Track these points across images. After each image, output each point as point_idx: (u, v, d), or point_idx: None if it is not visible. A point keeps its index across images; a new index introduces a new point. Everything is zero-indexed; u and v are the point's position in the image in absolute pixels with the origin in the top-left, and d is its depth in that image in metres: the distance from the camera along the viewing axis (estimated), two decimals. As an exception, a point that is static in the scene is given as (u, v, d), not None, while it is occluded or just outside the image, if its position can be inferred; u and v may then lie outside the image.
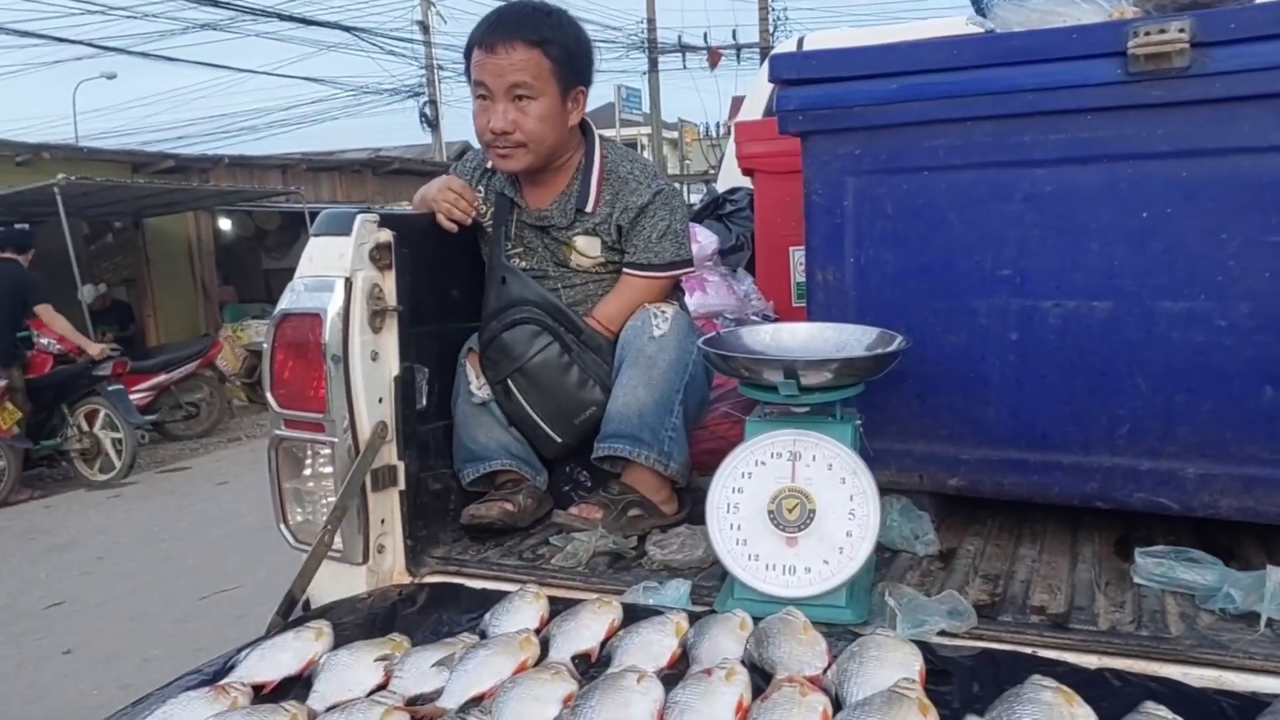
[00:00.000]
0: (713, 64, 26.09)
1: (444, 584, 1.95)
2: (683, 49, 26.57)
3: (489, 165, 2.36)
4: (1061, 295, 1.87)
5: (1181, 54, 1.69)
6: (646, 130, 31.13)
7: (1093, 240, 1.84)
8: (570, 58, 2.20)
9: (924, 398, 2.03)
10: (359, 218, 1.93)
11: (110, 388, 8.13)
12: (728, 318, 2.95)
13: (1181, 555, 1.77)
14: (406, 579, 2.02)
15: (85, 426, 8.14)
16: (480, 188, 2.38)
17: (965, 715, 1.29)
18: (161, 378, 9.36)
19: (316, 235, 1.98)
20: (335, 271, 1.92)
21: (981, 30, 2.16)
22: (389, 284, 1.99)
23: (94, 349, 8.22)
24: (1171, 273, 1.78)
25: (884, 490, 2.12)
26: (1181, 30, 1.68)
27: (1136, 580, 1.77)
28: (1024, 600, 1.74)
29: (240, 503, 6.92)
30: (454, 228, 2.23)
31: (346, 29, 20.63)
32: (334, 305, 1.89)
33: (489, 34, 2.16)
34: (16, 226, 8.41)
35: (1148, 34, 1.70)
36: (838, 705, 1.38)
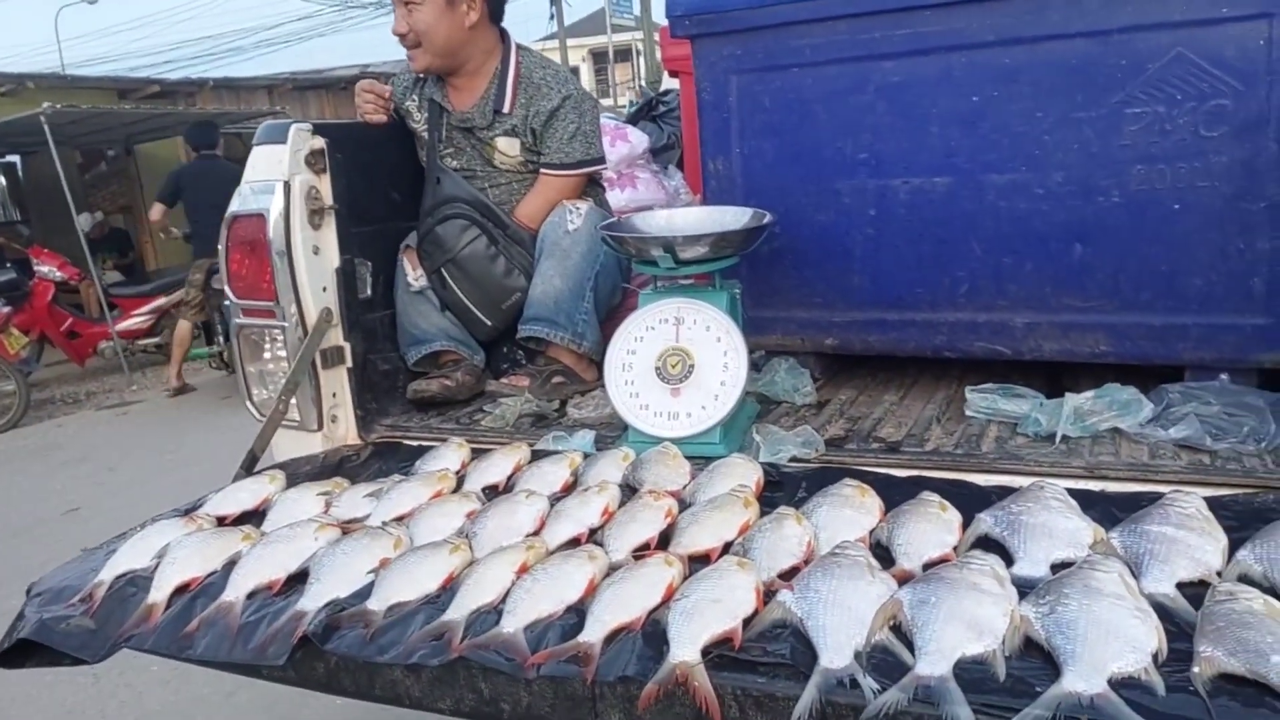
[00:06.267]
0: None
1: (386, 442, 2.28)
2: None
3: (420, 74, 2.62)
4: (909, 174, 2.15)
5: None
6: (639, 35, 30.65)
7: (933, 124, 2.10)
8: None
9: (800, 270, 2.31)
10: (293, 127, 2.20)
11: None
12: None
13: (1007, 391, 2.08)
14: (358, 443, 2.35)
15: None
16: (415, 96, 2.64)
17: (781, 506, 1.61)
18: (161, 301, 9.61)
19: (257, 145, 2.25)
20: (275, 176, 2.19)
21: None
22: (325, 186, 2.26)
23: None
24: (997, 149, 2.05)
25: (773, 352, 2.45)
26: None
27: (968, 413, 2.08)
28: (870, 433, 2.05)
29: (243, 414, 7.27)
30: (380, 119, 2.51)
31: (327, -57, 20.30)
32: (275, 206, 2.18)
33: None
34: (199, 123, 8.38)
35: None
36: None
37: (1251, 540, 1.39)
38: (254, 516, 1.87)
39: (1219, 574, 1.35)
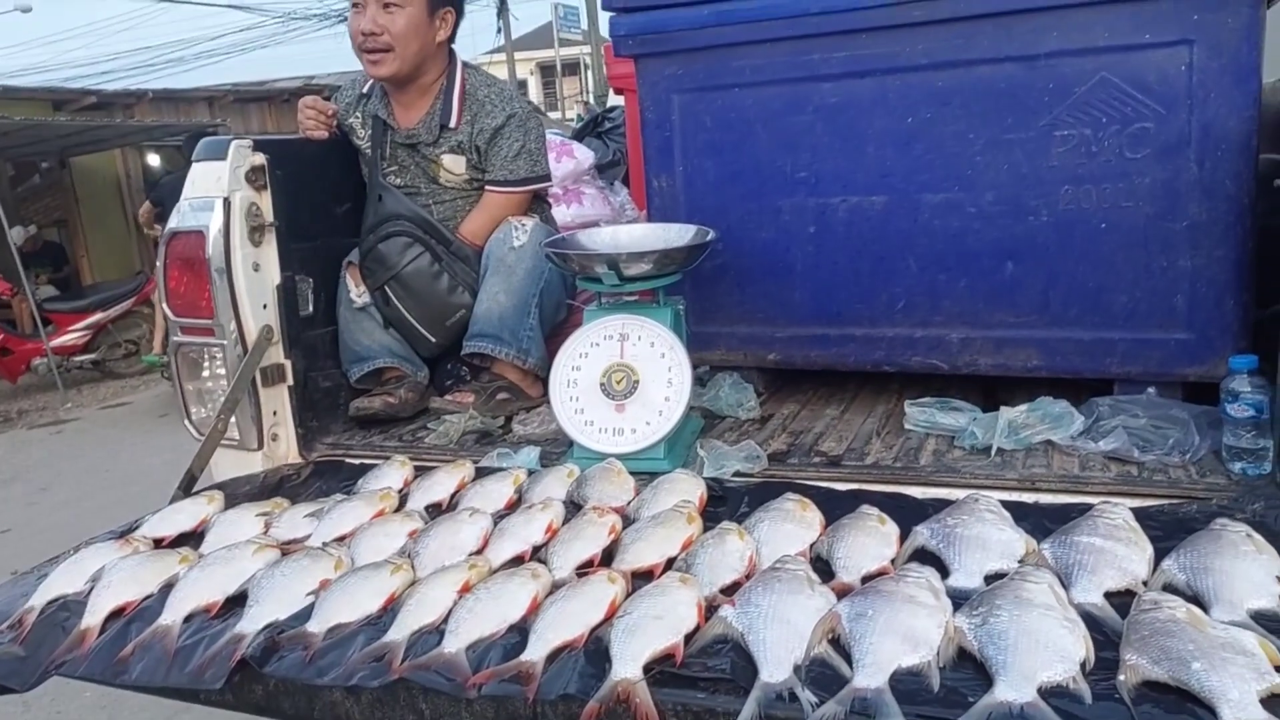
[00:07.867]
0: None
1: (327, 460, 2.26)
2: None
3: (364, 90, 2.61)
4: (847, 192, 2.19)
5: (932, -22, 1.99)
6: (587, 49, 30.68)
7: (869, 144, 2.15)
8: None
9: (743, 286, 2.34)
10: (233, 143, 2.18)
11: None
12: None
13: (945, 405, 2.12)
14: (299, 462, 2.32)
15: None
16: (358, 113, 2.63)
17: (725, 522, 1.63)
18: (98, 316, 9.40)
19: (197, 161, 2.22)
20: (215, 192, 2.17)
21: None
22: (266, 202, 2.24)
23: None
24: (931, 169, 2.10)
25: (717, 367, 2.47)
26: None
27: (907, 427, 2.12)
28: (813, 447, 2.08)
29: (182, 433, 7.12)
30: (322, 135, 2.50)
31: (268, -45, 20.02)
32: (215, 223, 2.15)
33: None
34: (196, 135, 8.21)
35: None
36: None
37: (1175, 550, 1.43)
38: (192, 538, 1.84)
39: (1145, 583, 1.39)
